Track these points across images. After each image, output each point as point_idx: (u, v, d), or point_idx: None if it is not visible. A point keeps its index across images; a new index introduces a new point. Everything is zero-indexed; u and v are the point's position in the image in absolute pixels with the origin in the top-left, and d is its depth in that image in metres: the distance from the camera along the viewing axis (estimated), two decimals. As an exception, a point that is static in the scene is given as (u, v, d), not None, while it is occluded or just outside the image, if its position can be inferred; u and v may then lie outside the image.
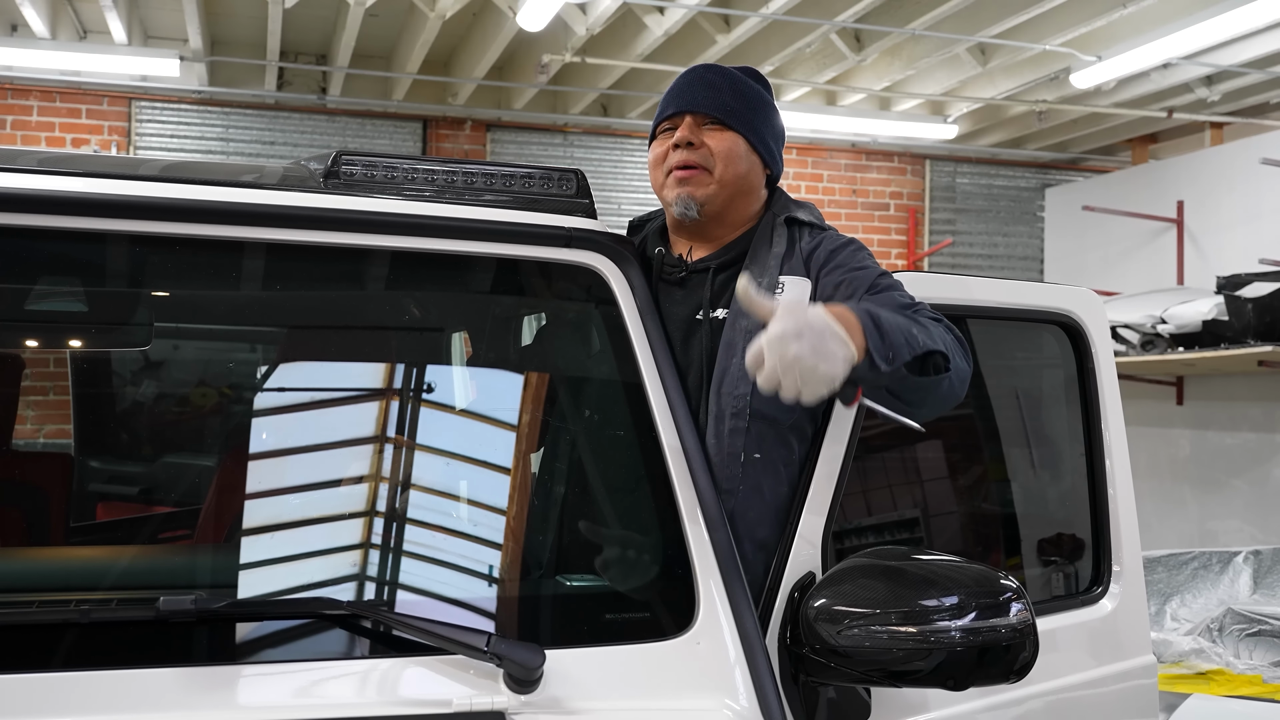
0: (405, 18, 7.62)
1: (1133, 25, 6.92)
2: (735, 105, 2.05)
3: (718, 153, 2.02)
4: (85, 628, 1.51)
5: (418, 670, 1.55)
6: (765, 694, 1.62)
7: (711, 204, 2.02)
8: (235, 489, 1.73)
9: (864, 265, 1.93)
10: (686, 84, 2.09)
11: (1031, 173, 10.38)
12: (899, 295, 1.86)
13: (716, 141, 2.03)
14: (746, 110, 2.06)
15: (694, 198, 2.01)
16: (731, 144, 2.03)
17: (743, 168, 2.03)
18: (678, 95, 2.08)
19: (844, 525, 2.09)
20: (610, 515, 1.88)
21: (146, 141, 8.37)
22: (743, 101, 2.06)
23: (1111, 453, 2.39)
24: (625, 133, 9.27)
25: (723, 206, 2.03)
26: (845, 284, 1.88)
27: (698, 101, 2.05)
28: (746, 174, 2.04)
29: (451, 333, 2.15)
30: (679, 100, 2.07)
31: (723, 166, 2.02)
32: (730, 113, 2.04)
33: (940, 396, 1.79)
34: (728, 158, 2.02)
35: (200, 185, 1.75)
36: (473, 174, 1.92)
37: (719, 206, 2.02)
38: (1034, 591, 2.37)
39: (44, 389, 2.42)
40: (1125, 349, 7.05)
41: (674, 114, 2.06)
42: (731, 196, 2.03)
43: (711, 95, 2.05)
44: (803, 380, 1.56)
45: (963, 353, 1.84)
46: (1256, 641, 4.92)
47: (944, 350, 1.77)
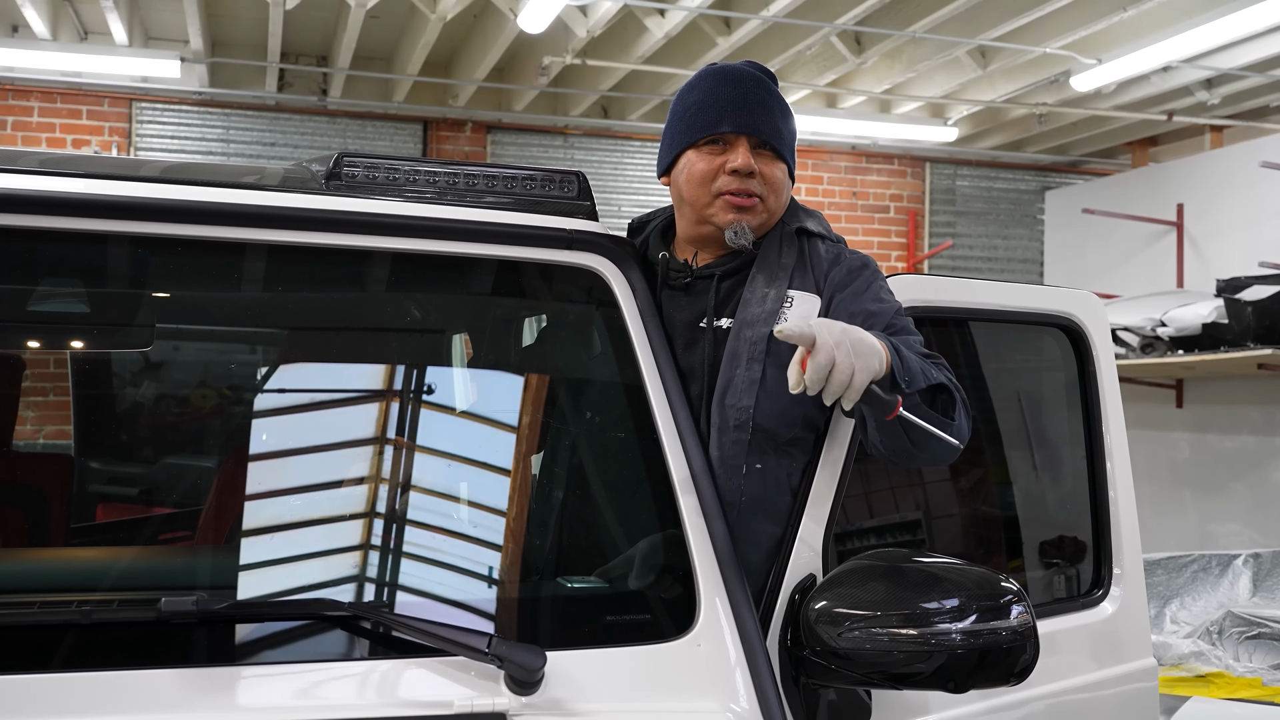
0: (406, 19, 7.63)
1: (1133, 28, 6.93)
2: (784, 131, 2.01)
3: (771, 183, 1.98)
4: (87, 628, 1.51)
5: (419, 671, 1.55)
6: (766, 696, 1.62)
7: (760, 230, 2.01)
8: (236, 490, 1.73)
9: (881, 299, 1.92)
10: (740, 98, 1.99)
11: (1031, 175, 10.39)
12: (914, 341, 1.86)
13: (770, 171, 1.98)
14: (790, 135, 2.03)
15: (750, 226, 1.98)
16: (783, 175, 2.01)
17: (786, 196, 2.04)
18: (733, 110, 1.98)
19: (845, 527, 2.09)
20: (611, 516, 1.88)
21: (147, 143, 8.37)
22: (787, 123, 2.02)
23: (1112, 455, 2.39)
24: (626, 135, 9.27)
25: (765, 232, 2.02)
26: (860, 316, 1.86)
27: (757, 124, 1.97)
28: (788, 199, 2.05)
29: (452, 334, 2.15)
30: (735, 118, 1.97)
31: (775, 197, 2.00)
32: (783, 141, 2.00)
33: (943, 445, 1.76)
34: (779, 189, 2.00)
35: (201, 186, 1.75)
36: (474, 176, 1.92)
37: (763, 233, 2.02)
38: (1035, 594, 2.37)
39: (44, 390, 2.42)
40: (1125, 352, 7.05)
41: (728, 131, 1.98)
42: (774, 223, 2.03)
43: (767, 118, 1.98)
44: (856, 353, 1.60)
45: (967, 414, 1.84)
46: (1256, 644, 4.92)
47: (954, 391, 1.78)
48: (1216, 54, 7.20)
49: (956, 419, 1.78)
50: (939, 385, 1.78)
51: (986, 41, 6.99)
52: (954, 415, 1.78)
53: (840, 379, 1.59)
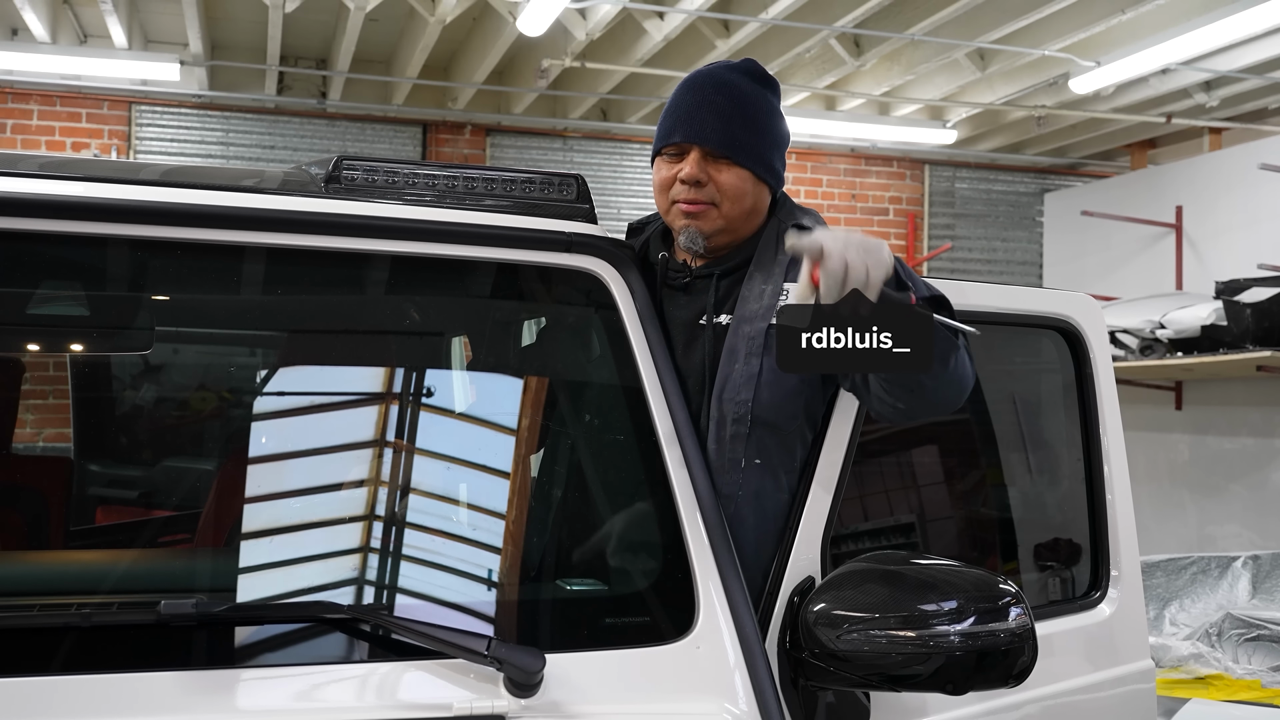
0: (405, 22, 7.64)
1: (1132, 31, 6.94)
2: (743, 136, 1.98)
3: (724, 190, 1.97)
4: (86, 631, 1.51)
5: (418, 674, 1.55)
6: (765, 698, 1.63)
7: (718, 237, 2.01)
8: (236, 493, 1.73)
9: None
10: (694, 106, 1.99)
11: (1030, 178, 10.39)
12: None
13: (725, 178, 1.97)
14: (755, 138, 1.99)
15: (701, 232, 1.98)
16: (739, 181, 1.98)
17: (749, 203, 2.00)
18: (685, 119, 1.99)
19: (843, 530, 2.09)
20: (610, 519, 1.88)
21: (147, 146, 8.38)
22: (751, 129, 1.99)
23: (1110, 458, 2.40)
24: (625, 137, 9.27)
25: (730, 237, 2.02)
26: None
27: (705, 133, 1.97)
28: (753, 205, 2.02)
29: (451, 337, 2.15)
30: (686, 127, 1.98)
31: (730, 204, 1.98)
32: (738, 146, 1.97)
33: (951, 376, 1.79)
34: (735, 195, 1.98)
35: (201, 190, 1.75)
36: (473, 179, 1.92)
37: (727, 238, 2.02)
38: (1032, 596, 2.38)
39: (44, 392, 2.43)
40: (1124, 354, 7.05)
41: (680, 141, 1.99)
42: (738, 227, 2.02)
43: (720, 125, 1.97)
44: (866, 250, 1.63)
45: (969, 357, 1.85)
46: (1255, 646, 4.92)
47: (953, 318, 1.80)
48: (1215, 56, 7.21)
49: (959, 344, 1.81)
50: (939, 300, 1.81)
51: (985, 44, 7.00)
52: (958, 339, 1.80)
53: (856, 278, 1.62)
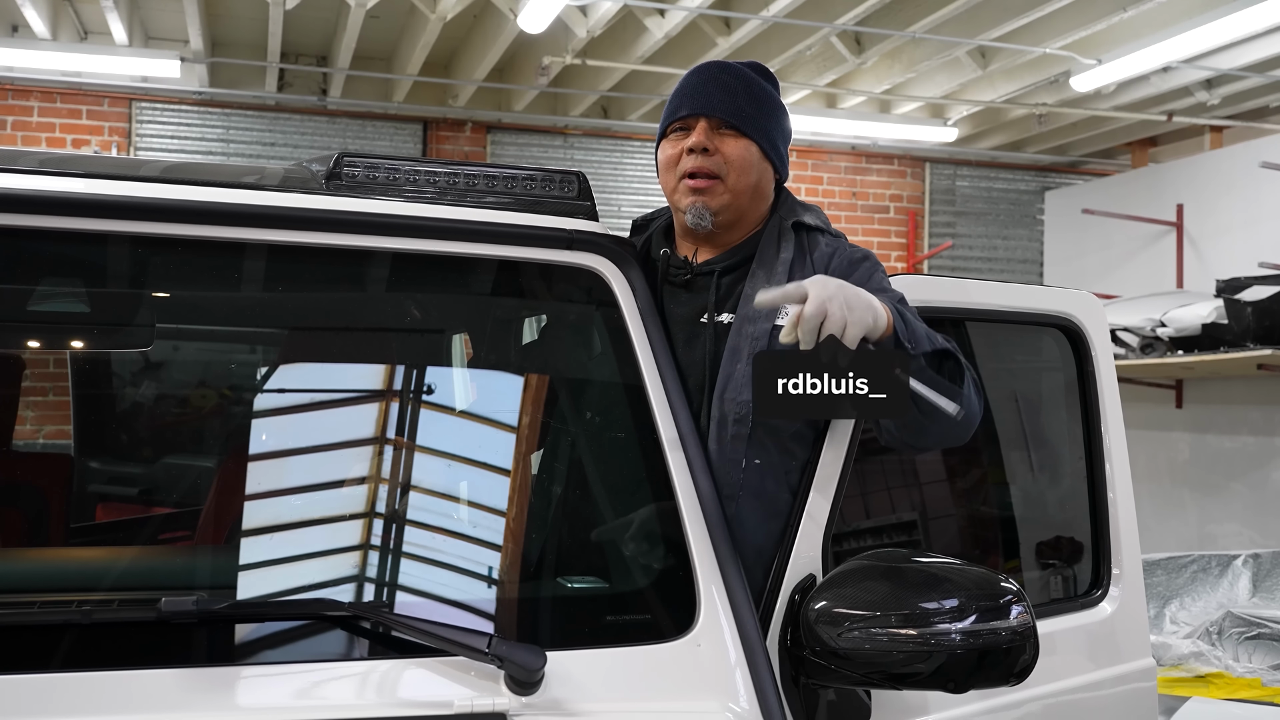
0: (406, 19, 7.63)
1: (1133, 29, 6.93)
2: (750, 110, 2.00)
3: (731, 160, 1.98)
4: (87, 628, 1.51)
5: (418, 672, 1.55)
6: (766, 696, 1.63)
7: (725, 214, 1.99)
8: (236, 490, 1.73)
9: (882, 289, 1.92)
10: (700, 83, 2.02)
11: (1031, 176, 10.39)
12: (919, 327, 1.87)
13: (731, 148, 1.98)
14: (760, 115, 2.01)
15: (709, 208, 1.98)
16: (745, 151, 1.99)
17: (754, 176, 2.00)
18: (691, 95, 2.01)
19: (844, 528, 2.09)
20: (611, 517, 1.88)
21: (147, 142, 8.37)
22: (757, 105, 2.01)
23: (1111, 456, 2.39)
24: (626, 135, 9.27)
25: (736, 216, 2.01)
26: None
27: (713, 104, 1.99)
28: (758, 181, 2.01)
29: (452, 334, 2.15)
30: (693, 101, 2.00)
31: (736, 175, 1.98)
32: (745, 118, 1.99)
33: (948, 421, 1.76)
34: (742, 166, 1.98)
35: (201, 186, 1.75)
36: (474, 176, 1.92)
37: (733, 216, 2.01)
38: (1033, 594, 2.37)
39: (44, 389, 2.42)
40: (1125, 352, 7.05)
41: (687, 115, 2.00)
42: (744, 205, 2.01)
43: (727, 98, 1.99)
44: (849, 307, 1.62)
45: (978, 392, 1.84)
46: (1256, 645, 4.92)
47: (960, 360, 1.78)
48: (1216, 54, 7.20)
49: (965, 390, 1.79)
50: (945, 353, 1.78)
51: (986, 42, 6.99)
52: (962, 385, 1.79)
53: (833, 329, 1.61)
